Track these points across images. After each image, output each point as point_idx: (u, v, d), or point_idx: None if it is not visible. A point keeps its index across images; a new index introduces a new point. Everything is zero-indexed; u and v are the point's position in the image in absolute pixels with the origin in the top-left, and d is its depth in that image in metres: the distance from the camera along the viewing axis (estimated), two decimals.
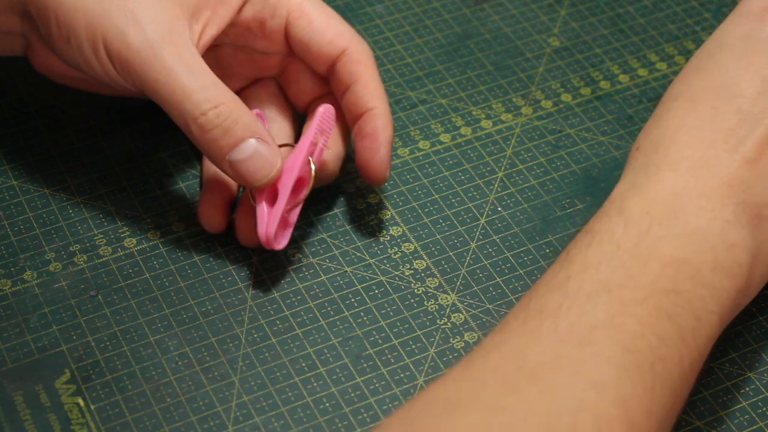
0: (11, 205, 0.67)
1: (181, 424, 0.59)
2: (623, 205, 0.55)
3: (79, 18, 0.61)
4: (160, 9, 0.61)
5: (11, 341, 0.61)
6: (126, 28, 0.60)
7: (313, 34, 0.65)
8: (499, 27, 0.78)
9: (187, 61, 0.61)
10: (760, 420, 0.60)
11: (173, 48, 0.60)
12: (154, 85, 0.60)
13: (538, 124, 0.73)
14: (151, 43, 0.60)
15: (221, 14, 0.64)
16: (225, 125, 0.60)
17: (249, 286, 0.64)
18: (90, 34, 0.61)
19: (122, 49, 0.60)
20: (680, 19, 0.79)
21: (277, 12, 0.65)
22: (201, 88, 0.60)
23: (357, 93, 0.65)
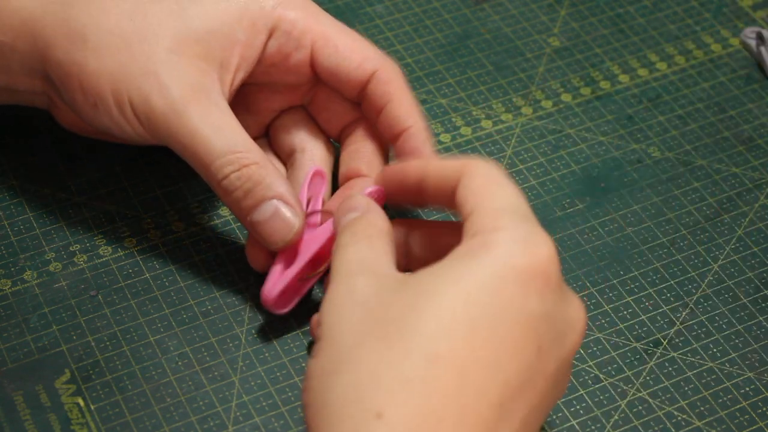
0: (11, 205, 0.67)
1: (181, 424, 0.59)
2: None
3: (104, 83, 0.60)
4: (183, 67, 0.61)
5: (11, 341, 0.61)
6: (150, 91, 0.60)
7: (341, 60, 0.64)
8: (499, 27, 0.78)
9: (213, 120, 0.60)
10: (760, 420, 0.60)
11: (198, 108, 0.60)
12: (181, 147, 0.60)
13: (538, 124, 0.73)
14: (174, 106, 0.60)
15: (248, 57, 0.63)
16: (246, 187, 0.60)
17: (249, 286, 0.64)
18: (117, 99, 0.60)
19: (148, 112, 0.60)
20: (680, 19, 0.79)
21: (302, 43, 0.64)
22: (226, 151, 0.60)
23: (391, 114, 0.64)
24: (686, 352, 0.63)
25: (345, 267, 0.53)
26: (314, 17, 0.64)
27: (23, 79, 0.63)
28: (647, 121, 0.73)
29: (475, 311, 0.49)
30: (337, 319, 0.51)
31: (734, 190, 0.70)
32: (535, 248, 0.51)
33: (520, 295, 0.50)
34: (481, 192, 0.53)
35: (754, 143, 0.73)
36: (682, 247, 0.67)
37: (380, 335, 0.49)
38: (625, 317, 0.64)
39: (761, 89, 0.75)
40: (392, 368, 0.48)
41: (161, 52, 0.61)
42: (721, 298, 0.65)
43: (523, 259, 0.50)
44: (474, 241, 0.51)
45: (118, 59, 0.60)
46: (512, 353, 0.49)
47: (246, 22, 0.62)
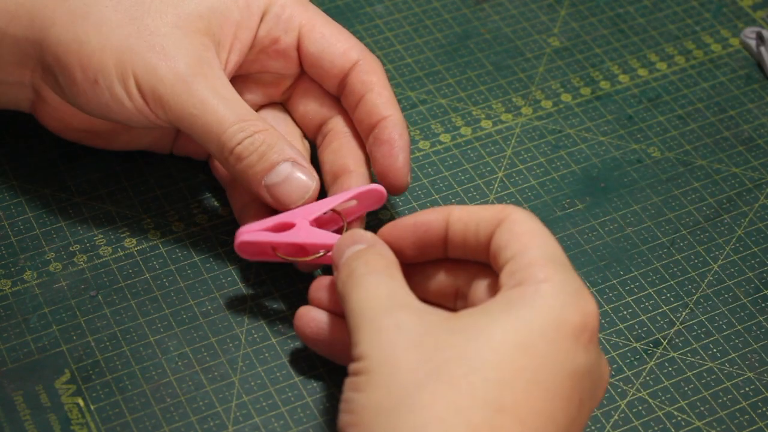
0: (11, 205, 0.67)
1: (181, 424, 0.59)
2: None
3: (107, 57, 0.60)
4: (188, 41, 0.61)
5: (11, 341, 0.61)
6: (157, 63, 0.60)
7: (326, 46, 0.65)
8: (499, 27, 0.78)
9: (220, 91, 0.60)
10: (760, 420, 0.60)
11: (205, 80, 0.60)
12: (190, 119, 0.60)
13: (538, 124, 0.73)
14: (183, 77, 0.60)
15: (242, 38, 0.64)
16: (260, 151, 0.60)
17: (249, 286, 0.64)
18: (120, 72, 0.60)
19: (156, 84, 0.60)
20: (680, 19, 0.79)
21: (290, 27, 0.65)
22: (236, 119, 0.60)
23: (371, 102, 0.64)
24: (686, 352, 0.63)
25: (378, 302, 0.53)
26: (302, 4, 0.65)
27: (12, 69, 0.63)
28: (647, 121, 0.73)
29: (533, 362, 0.50)
30: (389, 356, 0.50)
31: (734, 190, 0.70)
32: (584, 303, 0.52)
33: (572, 348, 0.51)
34: (526, 239, 0.54)
35: (754, 143, 0.73)
36: (682, 247, 0.67)
37: (443, 378, 0.49)
38: (625, 317, 0.64)
39: (761, 89, 0.75)
40: (460, 415, 0.48)
41: (165, 26, 0.61)
42: (721, 298, 0.65)
43: (575, 313, 0.51)
44: (524, 289, 0.52)
45: (121, 34, 0.61)
46: (563, 405, 0.50)
47: (242, 2, 0.63)
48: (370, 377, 0.50)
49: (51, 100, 0.64)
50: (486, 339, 0.50)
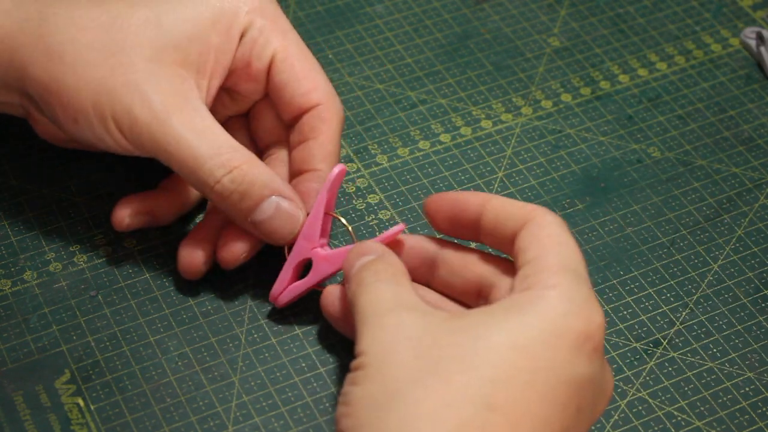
0: (11, 205, 0.67)
1: (181, 424, 0.59)
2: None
3: (83, 98, 0.60)
4: (163, 75, 0.61)
5: (11, 341, 0.61)
6: (131, 103, 0.60)
7: (292, 80, 0.64)
8: (499, 27, 0.78)
9: (196, 125, 0.60)
10: (760, 420, 0.60)
11: (180, 115, 0.60)
12: (167, 156, 0.60)
13: (538, 124, 0.73)
14: (157, 115, 0.60)
15: (222, 62, 0.63)
16: (241, 189, 0.60)
17: (249, 286, 0.64)
18: (98, 113, 0.60)
19: (131, 124, 0.60)
20: (680, 19, 0.79)
21: (264, 53, 0.64)
22: (213, 154, 0.59)
23: (310, 150, 0.64)
24: (686, 352, 0.63)
25: (382, 304, 0.53)
26: (281, 31, 0.64)
27: (0, 92, 0.63)
28: (647, 121, 0.73)
29: (530, 365, 0.50)
30: (388, 351, 0.51)
31: (734, 190, 0.70)
32: (590, 313, 0.52)
33: (573, 356, 0.51)
34: (546, 244, 0.54)
35: (754, 143, 0.73)
36: (682, 247, 0.67)
37: (438, 374, 0.49)
38: (625, 317, 0.64)
39: (761, 89, 0.75)
40: (451, 410, 0.48)
41: (140, 62, 0.60)
42: (721, 298, 0.65)
43: (579, 322, 0.51)
44: (530, 294, 0.52)
45: (97, 74, 0.60)
46: (559, 411, 0.50)
47: (221, 27, 0.62)
48: (367, 371, 0.51)
49: (42, 120, 0.64)
50: (485, 339, 0.50)
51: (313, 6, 0.79)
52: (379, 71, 0.75)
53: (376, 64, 0.75)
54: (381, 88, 0.74)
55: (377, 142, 0.71)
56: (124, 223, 0.63)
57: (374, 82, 0.75)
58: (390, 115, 0.73)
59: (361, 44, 0.76)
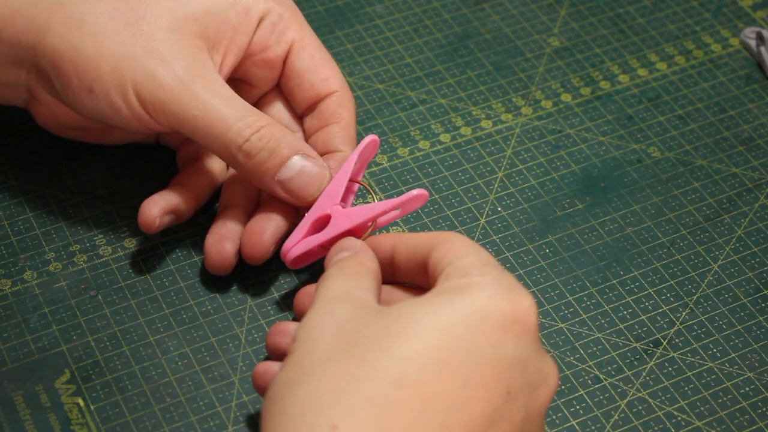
0: (11, 205, 0.67)
1: (181, 424, 0.59)
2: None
3: (103, 66, 0.60)
4: (183, 44, 0.61)
5: (11, 341, 0.61)
6: (155, 69, 0.60)
7: (312, 67, 0.65)
8: (499, 27, 0.78)
9: (219, 91, 0.60)
10: (760, 420, 0.60)
11: (204, 81, 0.60)
12: (193, 122, 0.60)
13: (538, 124, 0.73)
14: (182, 80, 0.60)
15: (238, 42, 0.63)
16: (270, 147, 0.60)
17: (249, 286, 0.64)
18: (117, 80, 0.60)
19: (154, 90, 0.60)
20: (680, 19, 0.79)
21: (283, 39, 0.65)
22: (240, 116, 0.60)
23: (332, 132, 0.64)
24: (686, 352, 0.63)
25: (328, 293, 0.53)
26: (299, 22, 0.65)
27: (7, 70, 0.63)
28: (647, 121, 0.73)
29: (449, 344, 0.49)
30: (310, 336, 0.51)
31: (734, 190, 0.70)
32: (517, 297, 0.51)
33: (497, 337, 0.50)
34: (461, 251, 0.54)
35: (754, 143, 0.73)
36: (682, 247, 0.67)
37: (350, 353, 0.49)
38: (625, 317, 0.64)
39: (761, 89, 0.75)
40: (356, 385, 0.48)
41: (160, 31, 0.61)
42: (721, 298, 0.65)
43: (504, 303, 0.51)
44: (456, 281, 0.52)
45: (117, 41, 0.60)
46: (480, 392, 0.49)
47: (240, 7, 0.63)
48: (290, 356, 0.51)
49: (45, 100, 0.64)
50: (404, 321, 0.50)
51: (313, 6, 0.79)
52: (379, 71, 0.75)
53: (376, 64, 0.75)
54: (381, 88, 0.74)
55: None
56: (156, 224, 0.62)
57: (374, 82, 0.75)
58: (390, 115, 0.73)
59: (361, 44, 0.76)
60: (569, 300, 0.65)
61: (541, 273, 0.66)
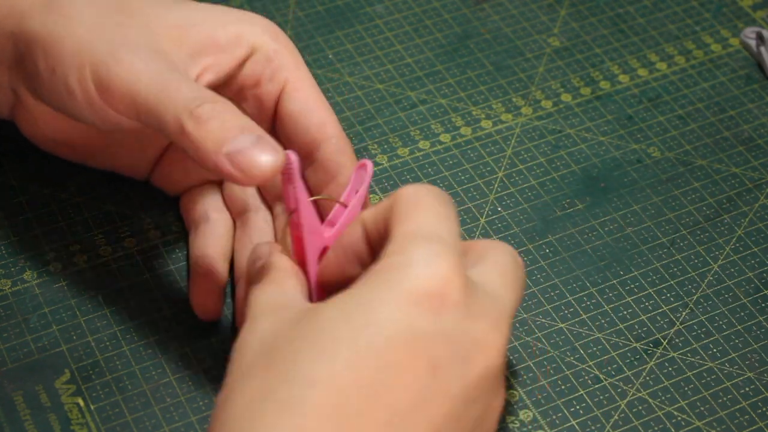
0: (11, 205, 0.67)
1: (181, 424, 0.59)
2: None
3: (67, 45, 0.59)
4: (154, 40, 0.59)
5: (11, 341, 0.61)
6: (117, 49, 0.58)
7: (306, 111, 0.61)
8: (499, 27, 0.78)
9: (183, 75, 0.58)
10: (760, 420, 0.60)
11: (165, 64, 0.58)
12: (148, 99, 0.57)
13: (538, 124, 0.73)
14: (144, 59, 0.58)
15: (222, 62, 0.61)
16: (223, 117, 0.55)
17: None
18: (77, 60, 0.59)
19: (112, 66, 0.58)
20: (680, 19, 0.79)
21: (276, 77, 0.62)
22: (194, 89, 0.57)
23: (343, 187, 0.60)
24: (686, 352, 0.63)
25: (251, 311, 0.53)
26: (295, 61, 0.62)
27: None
28: (647, 121, 0.73)
29: (351, 327, 0.48)
30: (235, 356, 0.51)
31: (734, 190, 0.70)
32: (429, 269, 0.49)
33: (406, 315, 0.49)
34: (401, 217, 0.52)
35: (754, 143, 0.73)
36: (682, 247, 0.67)
37: (266, 363, 0.49)
38: (625, 317, 0.64)
39: (761, 89, 0.75)
40: (271, 392, 0.48)
41: (136, 26, 0.59)
42: (721, 298, 0.65)
43: (413, 280, 0.49)
44: (372, 269, 0.51)
45: (88, 25, 0.59)
46: (399, 373, 0.48)
47: (231, 31, 0.61)
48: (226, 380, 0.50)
49: (28, 103, 0.63)
50: (314, 322, 0.49)
51: (313, 6, 0.79)
52: (379, 71, 0.75)
53: (376, 64, 0.75)
54: (381, 88, 0.74)
55: (377, 142, 0.71)
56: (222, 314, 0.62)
57: (374, 82, 0.75)
58: (390, 115, 0.73)
59: (361, 44, 0.76)
60: (569, 300, 0.65)
61: (541, 273, 0.66)
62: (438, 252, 0.50)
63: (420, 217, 0.51)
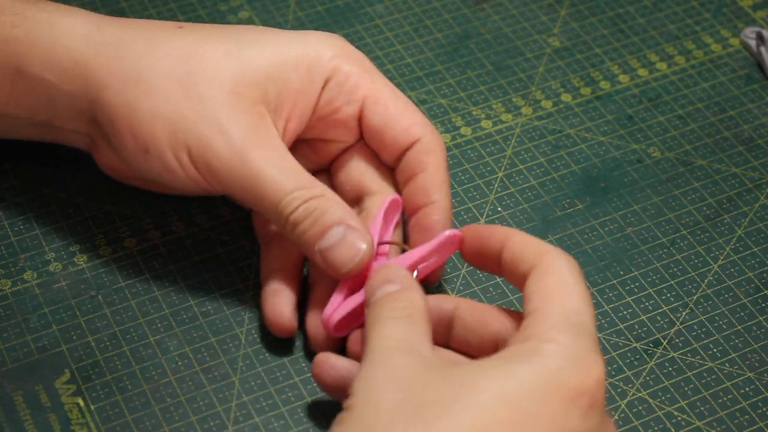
0: (11, 205, 0.67)
1: (181, 424, 0.59)
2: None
3: (158, 128, 0.59)
4: (242, 111, 0.60)
5: (11, 341, 0.61)
6: (211, 136, 0.59)
7: (389, 120, 0.63)
8: (499, 27, 0.78)
9: (276, 161, 0.59)
10: (760, 420, 0.60)
11: (260, 151, 0.59)
12: (247, 191, 0.59)
13: (538, 124, 0.73)
14: (238, 150, 0.59)
15: (302, 106, 0.62)
16: (314, 216, 0.59)
17: (249, 286, 0.64)
18: (172, 143, 0.59)
19: (210, 158, 0.59)
20: (680, 19, 0.79)
21: (353, 98, 0.63)
22: (293, 187, 0.59)
23: (422, 183, 0.62)
24: (686, 352, 0.63)
25: (385, 343, 0.52)
26: (369, 74, 0.63)
27: (67, 119, 0.62)
28: (647, 121, 0.73)
29: (515, 416, 0.49)
30: (373, 394, 0.50)
31: (734, 190, 0.70)
32: (587, 368, 0.50)
33: (564, 410, 0.49)
34: (548, 294, 0.53)
35: (754, 143, 0.73)
36: (682, 247, 0.67)
37: (415, 420, 0.48)
38: (625, 317, 0.64)
39: (761, 89, 0.75)
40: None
41: (218, 95, 0.60)
42: (721, 298, 0.65)
43: (572, 377, 0.50)
44: (525, 346, 0.51)
45: (173, 102, 0.59)
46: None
47: (302, 70, 0.61)
48: (352, 413, 0.50)
49: (105, 150, 0.63)
50: (471, 387, 0.49)
51: (313, 6, 0.79)
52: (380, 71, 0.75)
53: (376, 64, 0.75)
54: None
55: None
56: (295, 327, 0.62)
57: None
58: None
59: (361, 44, 0.76)
60: None
61: None
62: (592, 350, 0.51)
63: (573, 302, 0.52)
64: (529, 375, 0.50)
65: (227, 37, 0.61)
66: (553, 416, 0.49)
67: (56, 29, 0.61)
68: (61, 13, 0.62)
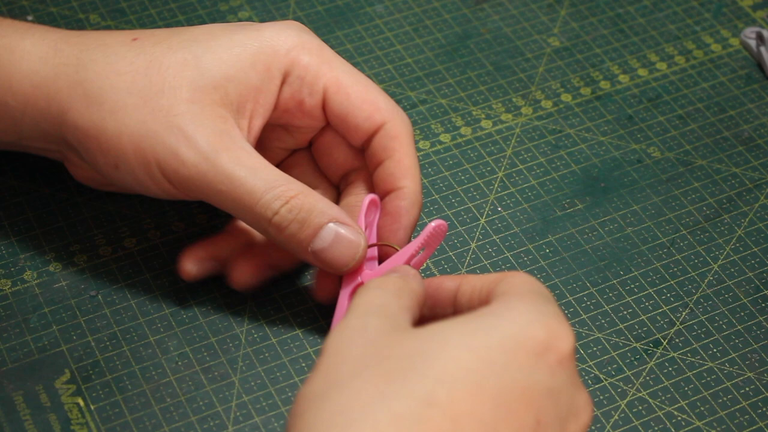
0: (11, 205, 0.67)
1: (181, 424, 0.59)
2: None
3: (125, 144, 0.60)
4: (205, 116, 0.60)
5: (11, 341, 0.61)
6: (177, 147, 0.59)
7: (351, 108, 0.63)
8: (499, 27, 0.78)
9: (246, 162, 0.59)
10: (760, 420, 0.60)
11: (227, 153, 0.59)
12: (219, 196, 0.59)
13: (538, 124, 0.73)
14: (206, 155, 0.59)
15: (263, 102, 0.62)
16: (300, 218, 0.59)
17: None
18: (140, 158, 0.60)
19: (179, 168, 0.59)
20: (680, 19, 0.79)
21: (314, 89, 0.63)
22: (268, 188, 0.59)
23: (388, 169, 0.62)
24: (686, 352, 0.63)
25: (363, 307, 0.52)
26: (328, 63, 0.63)
27: (35, 140, 0.63)
28: (647, 121, 0.74)
29: (482, 368, 0.49)
30: (340, 349, 0.50)
31: (734, 190, 0.70)
32: (555, 326, 0.50)
33: (531, 365, 0.49)
34: (518, 286, 0.53)
35: (754, 143, 0.73)
36: (682, 247, 0.67)
37: (381, 371, 0.49)
38: (625, 317, 0.64)
39: (761, 89, 0.75)
40: (385, 403, 0.47)
41: (180, 104, 0.60)
42: (721, 298, 0.65)
43: (541, 331, 0.50)
44: (498, 303, 0.51)
45: (137, 118, 0.60)
46: (510, 418, 0.48)
47: (260, 67, 0.62)
48: (317, 369, 0.50)
49: (79, 163, 0.64)
50: (439, 341, 0.49)
51: (313, 6, 0.79)
52: (379, 71, 0.75)
53: (376, 64, 0.75)
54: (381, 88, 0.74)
55: None
56: (192, 273, 0.62)
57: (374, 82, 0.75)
58: None
59: (361, 44, 0.76)
60: (569, 300, 0.65)
61: (541, 273, 0.66)
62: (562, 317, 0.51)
63: (541, 290, 0.53)
64: (498, 328, 0.50)
65: (184, 46, 0.62)
66: (519, 367, 0.49)
67: (15, 54, 0.62)
68: (20, 35, 0.62)
